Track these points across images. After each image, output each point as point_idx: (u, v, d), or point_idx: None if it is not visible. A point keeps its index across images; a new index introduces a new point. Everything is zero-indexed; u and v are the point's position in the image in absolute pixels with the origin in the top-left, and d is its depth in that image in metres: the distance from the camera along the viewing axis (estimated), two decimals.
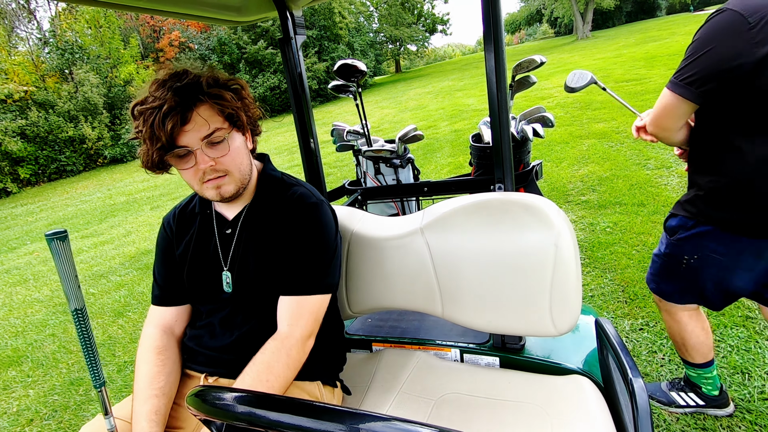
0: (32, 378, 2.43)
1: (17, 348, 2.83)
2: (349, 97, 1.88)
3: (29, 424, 2.02)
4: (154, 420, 0.79)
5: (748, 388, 1.44)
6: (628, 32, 21.06)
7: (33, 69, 15.11)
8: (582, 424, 0.84)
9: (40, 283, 4.18)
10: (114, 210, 7.29)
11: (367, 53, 25.27)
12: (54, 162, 14.09)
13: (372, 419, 0.42)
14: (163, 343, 0.91)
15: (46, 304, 3.55)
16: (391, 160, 1.90)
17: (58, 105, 14.26)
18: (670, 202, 2.98)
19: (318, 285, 0.88)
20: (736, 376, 1.50)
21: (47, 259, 5.00)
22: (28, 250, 5.73)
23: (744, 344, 1.63)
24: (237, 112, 0.84)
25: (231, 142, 0.84)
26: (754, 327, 1.71)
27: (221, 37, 19.04)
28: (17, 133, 13.20)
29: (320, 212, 0.91)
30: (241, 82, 0.88)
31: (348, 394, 1.06)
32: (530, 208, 0.89)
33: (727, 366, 1.55)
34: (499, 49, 0.96)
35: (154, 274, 0.99)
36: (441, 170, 5.16)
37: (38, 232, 6.84)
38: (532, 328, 0.92)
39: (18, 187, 13.18)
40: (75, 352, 2.64)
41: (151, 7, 1.12)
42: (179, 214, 0.99)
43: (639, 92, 6.74)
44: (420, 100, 12.58)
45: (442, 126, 7.84)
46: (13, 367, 2.60)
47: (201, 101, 0.79)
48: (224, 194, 0.85)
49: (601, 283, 2.22)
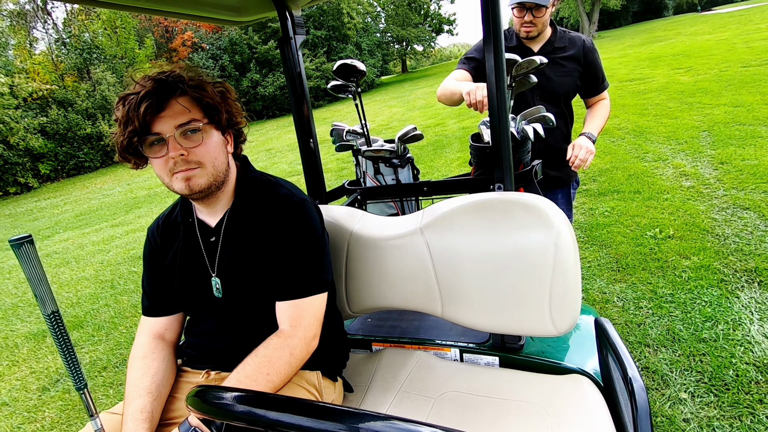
0: (96, 337, 2.77)
1: (76, 315, 3.18)
2: (349, 97, 1.92)
3: (103, 370, 2.36)
4: (139, 418, 0.80)
5: (715, 329, 1.74)
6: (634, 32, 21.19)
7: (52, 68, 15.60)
8: (582, 423, 0.84)
9: (82, 264, 4.54)
10: (137, 202, 7.67)
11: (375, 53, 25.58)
12: (72, 158, 14.57)
13: (371, 419, 0.42)
14: (150, 348, 0.91)
15: (93, 282, 3.91)
16: (390, 160, 1.89)
17: (77, 103, 14.74)
18: (663, 190, 3.26)
19: (314, 285, 0.88)
20: (707, 323, 1.79)
21: (83, 245, 5.37)
22: (62, 237, 6.11)
23: (716, 300, 1.93)
24: (217, 106, 0.83)
25: (207, 135, 0.82)
26: (726, 287, 2.00)
27: (232, 38, 19.44)
28: (38, 130, 13.69)
29: (306, 211, 0.89)
30: (226, 86, 0.89)
31: (350, 392, 1.07)
32: (530, 207, 0.89)
33: (701, 315, 1.84)
34: (498, 49, 0.96)
35: (143, 286, 0.98)
36: (451, 164, 5.46)
37: (67, 223, 7.23)
38: (532, 328, 0.92)
39: (38, 182, 13.66)
40: (130, 318, 2.99)
41: (150, 7, 1.12)
42: (162, 225, 0.98)
43: (642, 91, 7.00)
44: (427, 99, 12.85)
45: (450, 124, 8.12)
46: (77, 329, 2.94)
47: (181, 91, 0.79)
48: (194, 187, 0.81)
49: (598, 257, 2.52)
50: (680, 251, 2.38)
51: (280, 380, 0.80)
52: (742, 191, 2.95)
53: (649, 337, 1.79)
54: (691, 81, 6.92)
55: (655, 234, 2.62)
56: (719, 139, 4.05)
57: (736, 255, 2.24)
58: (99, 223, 6.56)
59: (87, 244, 5.39)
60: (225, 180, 0.88)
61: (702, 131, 4.44)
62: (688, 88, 6.49)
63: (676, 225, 2.68)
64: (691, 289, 2.04)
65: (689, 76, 7.38)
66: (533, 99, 1.54)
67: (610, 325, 0.87)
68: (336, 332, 1.04)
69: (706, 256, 2.27)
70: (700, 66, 8.05)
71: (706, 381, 1.52)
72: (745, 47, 9.02)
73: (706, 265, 2.18)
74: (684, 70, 8.05)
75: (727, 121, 4.51)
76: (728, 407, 1.41)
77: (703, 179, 3.30)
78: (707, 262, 2.21)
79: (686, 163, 3.69)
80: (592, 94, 1.62)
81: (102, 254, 4.78)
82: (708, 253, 2.30)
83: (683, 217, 2.78)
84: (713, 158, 3.67)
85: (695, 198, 3.02)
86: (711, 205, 2.86)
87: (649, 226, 2.74)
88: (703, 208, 2.85)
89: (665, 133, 4.68)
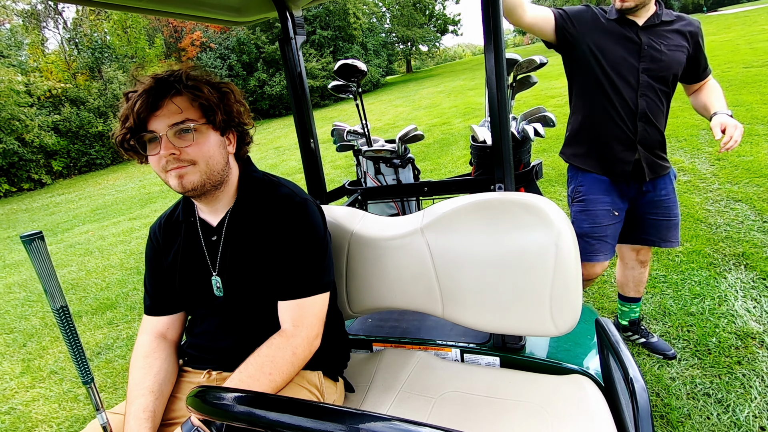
0: (130, 317, 2.98)
1: (108, 298, 3.40)
2: (350, 97, 1.89)
3: None
4: (141, 417, 0.80)
5: (702, 304, 1.92)
6: None
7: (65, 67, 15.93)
8: (582, 423, 0.84)
9: (106, 253, 4.76)
10: (151, 198, 7.90)
11: (380, 53, 25.80)
12: (84, 155, 14.89)
13: (372, 419, 0.42)
14: (152, 348, 0.92)
15: (119, 269, 4.13)
16: (391, 160, 1.90)
17: (89, 101, 15.06)
18: None
19: (316, 285, 0.88)
20: (696, 299, 1.97)
21: (104, 236, 5.60)
22: (82, 230, 6.35)
23: (705, 280, 2.10)
24: (213, 108, 0.82)
25: (201, 135, 0.82)
26: (715, 270, 2.17)
27: (240, 38, 19.71)
28: (51, 128, 14.01)
29: (308, 211, 0.90)
30: (231, 87, 0.88)
31: (351, 392, 1.07)
32: (530, 208, 0.89)
33: (690, 293, 2.02)
34: (499, 49, 0.96)
35: (145, 285, 0.99)
36: (457, 161, 5.64)
37: (84, 217, 7.47)
38: (532, 328, 0.92)
39: (51, 178, 13.98)
40: None
41: (151, 7, 1.12)
42: (165, 224, 0.99)
43: None
44: (433, 98, 13.03)
45: (456, 122, 8.30)
46: (110, 310, 3.16)
47: (177, 91, 0.80)
48: (186, 185, 0.82)
49: None
50: None
51: (282, 380, 0.80)
52: (736, 185, 3.11)
53: (642, 312, 1.97)
54: None
55: None
56: None
57: (726, 242, 2.41)
58: (116, 217, 6.79)
59: (108, 235, 5.62)
60: (223, 180, 0.88)
61: (701, 129, 4.59)
62: None
63: None
64: (682, 270, 2.22)
65: None
66: (637, 77, 1.36)
67: (610, 325, 0.87)
68: (337, 332, 1.04)
69: (698, 243, 2.44)
70: None
71: (692, 347, 1.70)
72: (748, 48, 9.13)
73: (698, 250, 2.36)
74: None
75: None
76: (710, 368, 1.59)
77: (699, 174, 3.47)
78: (699, 248, 2.38)
79: (684, 159, 3.86)
80: (695, 80, 1.47)
81: (123, 245, 5.00)
82: (700, 239, 2.47)
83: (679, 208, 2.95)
84: (710, 155, 3.83)
85: (691, 191, 3.19)
86: (705, 198, 3.03)
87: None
88: (698, 200, 3.02)
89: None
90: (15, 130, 12.52)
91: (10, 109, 12.27)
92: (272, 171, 8.11)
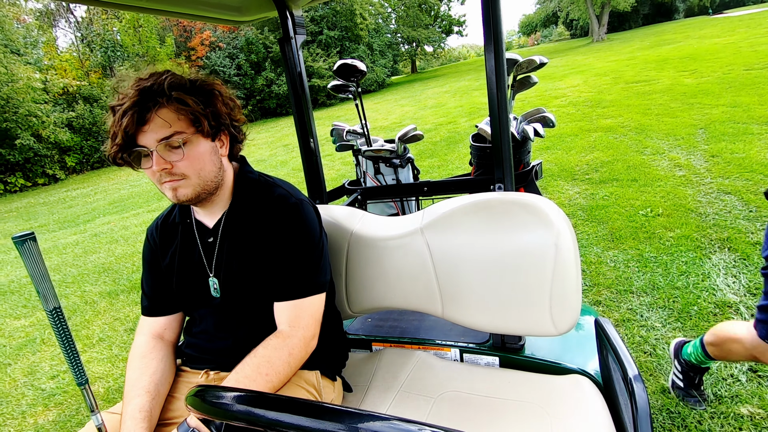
0: None
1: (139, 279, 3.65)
2: (350, 97, 1.88)
3: None
4: (138, 417, 0.80)
5: (687, 280, 2.15)
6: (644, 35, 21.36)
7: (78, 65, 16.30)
8: (581, 423, 0.84)
9: (131, 242, 5.03)
10: None
11: (386, 54, 26.05)
12: (97, 152, 15.22)
13: (371, 419, 0.42)
14: (149, 348, 0.92)
15: None
16: (390, 160, 1.89)
17: (102, 99, 15.40)
18: (658, 178, 3.65)
19: (312, 285, 0.88)
20: (682, 276, 2.20)
21: (126, 227, 5.88)
22: (103, 221, 6.63)
23: (691, 260, 2.33)
24: (199, 118, 0.80)
25: (190, 148, 0.81)
26: (702, 252, 2.40)
27: (249, 37, 20.03)
28: (65, 124, 14.37)
29: (303, 212, 0.90)
30: (217, 87, 0.86)
31: (349, 392, 1.07)
32: (530, 208, 0.89)
33: (677, 271, 2.25)
34: (499, 49, 0.96)
35: (143, 286, 0.99)
36: (463, 158, 5.88)
37: (103, 209, 7.76)
38: (532, 328, 0.92)
39: (65, 174, 14.33)
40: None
41: (151, 6, 1.11)
42: (161, 226, 0.99)
43: (646, 92, 7.35)
44: (438, 98, 13.25)
45: (462, 122, 8.53)
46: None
47: (161, 104, 0.77)
48: (180, 197, 0.82)
49: (596, 231, 2.93)
50: (666, 226, 2.78)
51: (278, 381, 0.81)
52: (727, 179, 3.33)
53: (634, 286, 2.20)
54: (694, 83, 7.25)
55: (647, 213, 3.02)
56: (713, 136, 4.42)
57: (714, 228, 2.63)
58: (135, 209, 7.07)
59: (130, 226, 5.90)
60: (217, 185, 0.88)
61: (699, 129, 4.80)
62: (691, 89, 6.82)
63: (666, 206, 3.08)
64: (672, 252, 2.44)
65: (693, 78, 7.71)
66: None
67: (610, 326, 0.88)
68: (335, 332, 1.05)
69: (687, 229, 2.67)
70: (704, 69, 8.37)
71: (676, 315, 1.93)
72: (750, 51, 9.30)
73: (687, 235, 2.59)
74: (689, 72, 8.37)
75: (724, 120, 4.87)
76: (689, 330, 1.82)
77: (694, 169, 3.69)
78: (688, 233, 2.61)
79: (681, 156, 4.08)
80: None
81: None
82: (690, 226, 2.70)
83: (672, 199, 3.17)
84: (706, 152, 4.05)
85: (685, 185, 3.41)
86: (698, 191, 3.25)
87: (641, 206, 3.14)
88: (691, 192, 3.24)
89: (665, 130, 5.05)
90: (32, 126, 12.87)
91: (28, 105, 12.62)
92: (282, 167, 8.32)
